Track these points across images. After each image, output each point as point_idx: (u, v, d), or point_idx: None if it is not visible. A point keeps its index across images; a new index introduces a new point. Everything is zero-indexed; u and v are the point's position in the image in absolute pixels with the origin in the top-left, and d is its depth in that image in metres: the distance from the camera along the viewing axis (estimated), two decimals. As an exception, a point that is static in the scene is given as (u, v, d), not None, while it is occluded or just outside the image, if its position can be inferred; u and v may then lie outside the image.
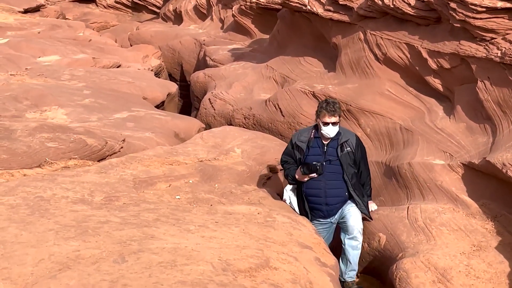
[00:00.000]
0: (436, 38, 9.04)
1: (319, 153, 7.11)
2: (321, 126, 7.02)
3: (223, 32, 22.05)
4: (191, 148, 8.54)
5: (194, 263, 4.81)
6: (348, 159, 7.09)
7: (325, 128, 6.99)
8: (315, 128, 7.23)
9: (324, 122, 6.97)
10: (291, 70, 12.87)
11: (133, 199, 6.38)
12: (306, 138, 7.18)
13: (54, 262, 4.58)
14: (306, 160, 7.08)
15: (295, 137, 7.34)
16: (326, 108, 6.95)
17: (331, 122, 6.95)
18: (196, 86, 15.49)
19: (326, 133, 7.02)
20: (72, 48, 17.71)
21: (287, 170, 7.32)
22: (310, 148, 7.14)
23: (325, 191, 7.09)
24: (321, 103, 7.14)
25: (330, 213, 7.17)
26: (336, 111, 6.97)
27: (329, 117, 6.94)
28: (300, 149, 7.18)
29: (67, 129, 8.38)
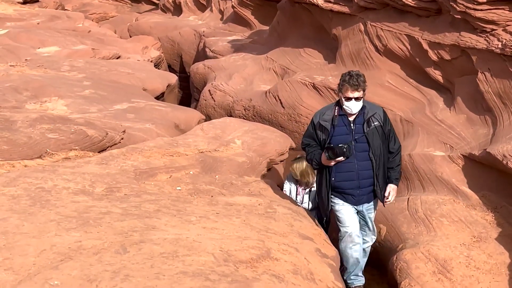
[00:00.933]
0: (436, 30, 9.03)
1: (346, 132, 6.35)
2: (343, 101, 6.27)
3: (222, 23, 22.01)
4: (191, 139, 8.54)
5: (195, 254, 4.82)
6: (376, 134, 6.34)
7: (348, 103, 6.24)
8: (338, 105, 6.44)
9: (346, 97, 6.23)
10: (291, 62, 12.86)
11: (134, 190, 6.38)
12: (330, 116, 6.37)
13: (56, 253, 4.59)
14: (332, 140, 6.31)
15: (317, 117, 6.49)
16: (349, 81, 6.19)
17: (354, 97, 6.21)
18: (196, 78, 15.48)
19: (348, 109, 6.28)
20: (72, 39, 17.68)
21: (310, 154, 6.54)
22: (335, 127, 6.35)
23: (357, 173, 6.38)
24: (344, 76, 6.32)
25: (360, 200, 6.48)
26: (360, 85, 6.20)
27: (352, 91, 6.19)
28: (324, 129, 6.38)
29: (67, 120, 8.37)
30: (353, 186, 6.41)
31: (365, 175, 6.37)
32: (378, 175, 6.37)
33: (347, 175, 6.39)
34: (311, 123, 6.57)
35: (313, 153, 6.48)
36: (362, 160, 6.33)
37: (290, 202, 7.10)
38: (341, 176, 6.40)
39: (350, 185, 6.41)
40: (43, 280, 4.16)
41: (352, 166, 6.34)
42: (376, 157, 6.32)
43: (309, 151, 6.57)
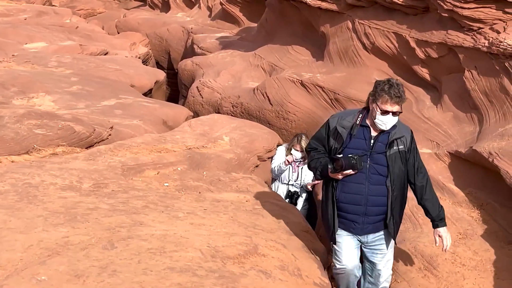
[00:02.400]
0: (424, 28, 9.08)
1: (363, 146, 5.30)
2: (377, 113, 5.16)
3: (211, 20, 22.03)
4: (179, 136, 8.54)
5: (183, 250, 4.82)
6: (399, 160, 5.32)
7: (383, 117, 5.15)
8: (362, 113, 5.36)
9: (383, 110, 5.12)
10: (279, 59, 12.88)
11: (122, 186, 6.38)
12: (350, 123, 5.32)
13: (43, 248, 4.59)
14: (344, 152, 5.28)
15: (334, 120, 5.41)
16: (389, 91, 5.09)
17: (392, 111, 5.13)
18: (183, 74, 15.47)
19: (381, 124, 5.19)
20: (59, 35, 17.61)
21: (314, 160, 5.49)
22: (352, 138, 5.32)
23: (366, 198, 5.34)
24: (381, 83, 5.19)
25: (364, 230, 5.44)
26: (402, 98, 5.15)
27: (392, 104, 5.10)
28: (339, 136, 5.34)
29: (54, 116, 8.35)
30: (358, 211, 5.39)
31: (376, 202, 5.36)
32: (394, 208, 5.38)
33: (353, 198, 5.37)
34: (326, 126, 5.49)
35: (318, 160, 5.46)
36: (375, 184, 5.32)
37: (278, 199, 7.12)
38: (346, 197, 5.38)
39: (355, 209, 5.39)
40: (30, 275, 4.15)
41: (361, 189, 5.33)
42: (394, 186, 5.33)
43: (313, 156, 5.53)
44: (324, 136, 5.46)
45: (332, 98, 10.05)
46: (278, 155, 8.64)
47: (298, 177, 8.59)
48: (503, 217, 6.43)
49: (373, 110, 5.19)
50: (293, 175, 8.59)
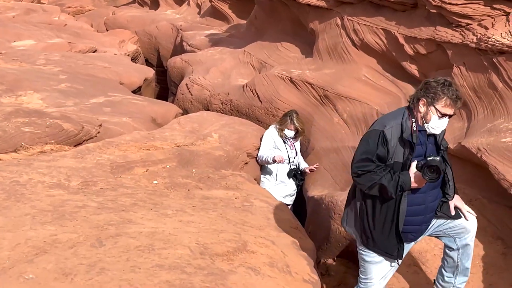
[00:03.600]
0: (412, 24, 9.07)
1: (421, 153, 4.85)
2: (433, 117, 4.72)
3: (200, 17, 21.98)
4: (168, 133, 8.52)
5: (171, 247, 4.82)
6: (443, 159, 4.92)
7: (440, 121, 4.73)
8: (410, 117, 4.83)
9: (443, 114, 4.69)
10: (269, 56, 12.86)
11: (110, 183, 6.36)
12: (409, 131, 4.76)
13: (31, 247, 4.57)
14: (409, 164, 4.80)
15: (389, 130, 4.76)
16: (448, 92, 4.67)
17: (451, 114, 4.73)
18: (173, 71, 15.42)
19: (434, 128, 4.77)
20: (48, 33, 17.56)
21: (382, 178, 4.72)
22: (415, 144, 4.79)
23: (427, 206, 5.00)
24: (437, 84, 4.71)
25: (422, 232, 5.16)
26: (460, 99, 4.75)
27: (451, 107, 4.69)
28: (407, 147, 4.77)
29: (43, 114, 8.30)
30: (418, 222, 5.02)
31: (433, 208, 5.08)
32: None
33: (416, 210, 4.95)
34: (379, 138, 4.76)
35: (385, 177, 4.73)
36: (432, 189, 4.98)
37: (267, 196, 7.11)
38: (410, 210, 4.90)
39: (415, 221, 4.99)
40: (17, 273, 4.13)
41: (425, 198, 4.95)
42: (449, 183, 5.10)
43: (373, 178, 4.75)
44: (384, 151, 4.76)
45: (321, 95, 10.04)
46: (266, 140, 8.87)
47: (296, 153, 8.95)
48: (492, 213, 6.43)
49: (428, 114, 4.74)
50: (292, 153, 8.88)
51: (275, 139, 8.83)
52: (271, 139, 8.83)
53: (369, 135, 4.87)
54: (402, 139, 4.74)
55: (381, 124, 4.87)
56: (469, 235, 5.17)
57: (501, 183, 5.97)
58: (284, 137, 8.85)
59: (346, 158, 8.81)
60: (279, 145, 8.80)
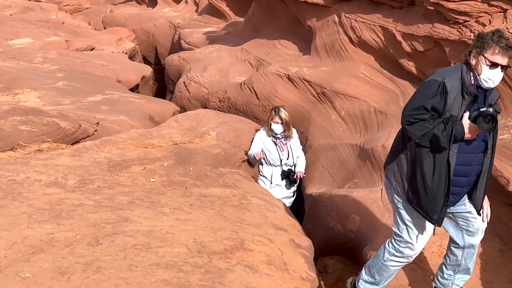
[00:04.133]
0: (410, 21, 9.08)
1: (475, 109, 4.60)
2: (483, 67, 4.50)
3: (197, 15, 21.96)
4: (166, 131, 8.51)
5: (168, 246, 4.80)
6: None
7: (490, 72, 4.50)
8: (470, 70, 4.60)
9: (493, 63, 4.46)
10: (266, 53, 12.86)
11: (108, 182, 6.34)
12: (468, 85, 4.57)
13: (28, 245, 4.55)
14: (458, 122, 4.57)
15: (451, 82, 4.56)
16: (498, 40, 4.47)
17: (503, 64, 4.49)
18: (171, 69, 15.41)
19: (487, 81, 4.53)
20: (45, 31, 17.52)
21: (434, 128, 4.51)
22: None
23: (472, 168, 4.79)
24: (489, 34, 4.54)
25: (459, 199, 4.93)
26: None
27: (504, 56, 4.49)
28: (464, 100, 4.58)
29: (40, 112, 8.29)
30: (461, 183, 4.83)
31: (478, 171, 4.82)
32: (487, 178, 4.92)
33: (464, 170, 4.76)
34: (439, 88, 4.56)
35: (445, 124, 4.53)
36: (480, 152, 4.78)
37: (265, 194, 7.10)
38: (457, 170, 4.72)
39: (459, 182, 4.80)
40: (14, 272, 4.12)
41: (472, 158, 4.75)
42: (493, 153, 4.89)
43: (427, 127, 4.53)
44: (442, 102, 4.55)
45: (319, 92, 10.04)
46: (256, 140, 8.74)
47: (289, 154, 8.67)
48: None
49: (478, 65, 4.53)
50: (283, 154, 8.62)
51: (264, 140, 8.65)
52: (260, 140, 8.67)
53: (428, 84, 4.65)
54: (462, 92, 4.55)
55: (441, 75, 4.63)
56: (477, 237, 5.09)
57: (499, 180, 5.97)
58: (273, 136, 8.58)
59: (343, 155, 8.82)
60: (269, 147, 8.60)
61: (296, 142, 8.86)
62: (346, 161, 8.74)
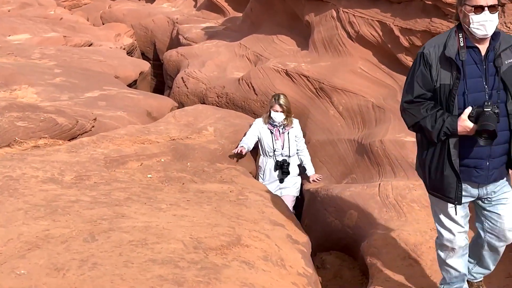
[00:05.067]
0: (408, 16, 9.05)
1: (478, 74, 4.18)
2: (470, 16, 4.12)
3: (196, 10, 21.91)
4: (163, 127, 8.50)
5: (165, 242, 4.79)
6: None
7: (477, 18, 4.10)
8: (460, 32, 4.23)
9: (475, 6, 4.09)
10: (264, 49, 12.83)
11: (104, 178, 6.33)
12: (454, 49, 4.16)
13: (23, 242, 4.54)
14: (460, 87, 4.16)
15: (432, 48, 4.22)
16: None
17: (487, 4, 4.08)
18: (169, 65, 15.38)
19: (479, 28, 4.11)
20: (43, 27, 17.48)
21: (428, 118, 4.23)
22: (464, 67, 4.16)
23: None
24: None
25: (489, 177, 4.34)
26: None
27: None
28: (451, 67, 4.16)
29: (37, 108, 8.28)
30: (484, 154, 4.29)
31: (499, 140, 4.21)
32: None
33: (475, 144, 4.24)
34: (421, 61, 4.25)
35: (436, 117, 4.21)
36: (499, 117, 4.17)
37: (262, 189, 7.09)
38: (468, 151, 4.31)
39: (481, 152, 4.29)
40: (9, 269, 4.11)
41: None
42: None
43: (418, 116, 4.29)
44: (426, 73, 4.21)
45: (317, 87, 10.01)
46: (252, 128, 8.58)
47: (283, 145, 8.41)
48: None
49: (466, 17, 4.16)
50: (277, 143, 8.39)
51: (260, 129, 8.45)
52: (256, 129, 8.49)
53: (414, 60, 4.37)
54: (446, 58, 4.14)
55: (427, 44, 4.32)
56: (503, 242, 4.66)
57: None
58: (271, 124, 8.36)
59: (341, 151, 8.80)
60: (264, 135, 8.39)
61: (297, 132, 8.57)
62: (344, 156, 8.73)
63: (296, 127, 8.58)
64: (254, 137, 8.46)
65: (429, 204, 6.46)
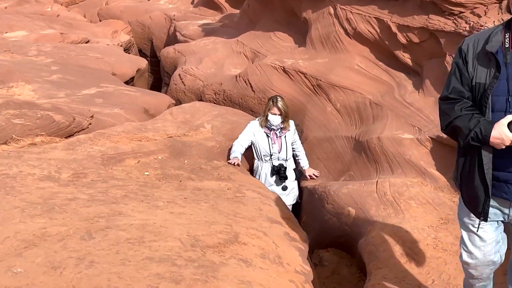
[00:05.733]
0: (405, 13, 9.03)
1: None
2: None
3: (193, 7, 21.90)
4: (160, 124, 8.47)
5: (162, 239, 4.77)
6: None
7: None
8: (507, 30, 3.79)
9: None
10: (262, 45, 12.81)
11: (101, 175, 6.32)
12: (498, 44, 3.76)
13: (20, 240, 4.52)
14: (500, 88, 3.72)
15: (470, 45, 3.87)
16: None
17: None
18: (166, 62, 15.35)
19: None
20: (40, 24, 17.46)
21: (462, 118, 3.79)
22: (507, 66, 3.71)
23: None
24: None
25: None
26: None
27: None
28: (490, 63, 3.78)
29: (34, 106, 8.25)
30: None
31: None
32: None
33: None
34: (458, 55, 3.93)
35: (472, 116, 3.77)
36: None
37: (259, 186, 7.07)
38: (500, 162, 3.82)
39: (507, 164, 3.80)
40: (6, 267, 4.08)
41: None
42: None
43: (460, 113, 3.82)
44: (463, 69, 3.85)
45: (315, 84, 9.99)
46: (245, 131, 8.26)
47: (281, 148, 8.25)
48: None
49: None
50: (274, 147, 8.20)
51: (256, 132, 8.21)
52: (250, 132, 8.22)
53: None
54: (485, 53, 3.76)
55: (467, 40, 3.97)
56: None
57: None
58: (268, 128, 8.16)
59: (339, 148, 8.79)
60: (260, 139, 8.19)
61: (293, 134, 8.46)
62: (341, 153, 8.71)
63: (292, 129, 8.45)
64: (247, 141, 8.22)
65: (427, 201, 6.53)
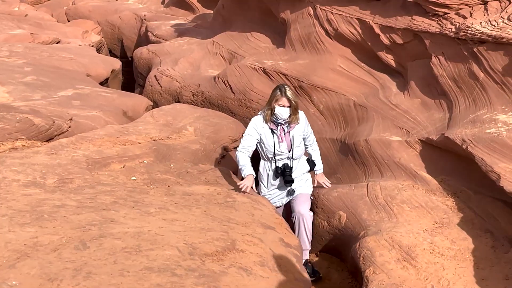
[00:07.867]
0: (388, 13, 8.97)
1: None
2: None
3: (164, 7, 21.71)
4: (142, 127, 8.28)
5: (159, 248, 4.62)
6: None
7: None
8: None
9: None
10: (239, 46, 12.67)
11: (88, 181, 6.12)
12: None
13: (11, 250, 4.32)
14: None
15: None
16: None
17: None
18: (139, 63, 15.12)
19: None
20: (8, 23, 17.08)
21: None
22: None
23: None
24: None
25: None
26: None
27: None
28: None
29: (11, 108, 7.99)
30: None
31: None
32: None
33: None
34: None
35: None
36: None
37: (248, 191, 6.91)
38: None
39: None
40: (0, 280, 3.90)
41: None
42: None
43: None
44: None
45: (296, 86, 9.87)
46: (249, 130, 7.05)
47: (291, 146, 7.05)
48: (477, 205, 6.35)
49: None
50: (282, 146, 7.02)
51: (260, 130, 7.00)
52: (255, 131, 6.99)
53: None
54: None
55: None
56: None
57: (489, 175, 5.87)
58: (274, 123, 6.97)
59: (324, 150, 8.65)
60: (266, 136, 6.99)
61: (305, 128, 7.28)
62: (326, 156, 8.59)
63: (303, 122, 7.25)
64: (253, 145, 7.07)
65: (420, 205, 6.45)
